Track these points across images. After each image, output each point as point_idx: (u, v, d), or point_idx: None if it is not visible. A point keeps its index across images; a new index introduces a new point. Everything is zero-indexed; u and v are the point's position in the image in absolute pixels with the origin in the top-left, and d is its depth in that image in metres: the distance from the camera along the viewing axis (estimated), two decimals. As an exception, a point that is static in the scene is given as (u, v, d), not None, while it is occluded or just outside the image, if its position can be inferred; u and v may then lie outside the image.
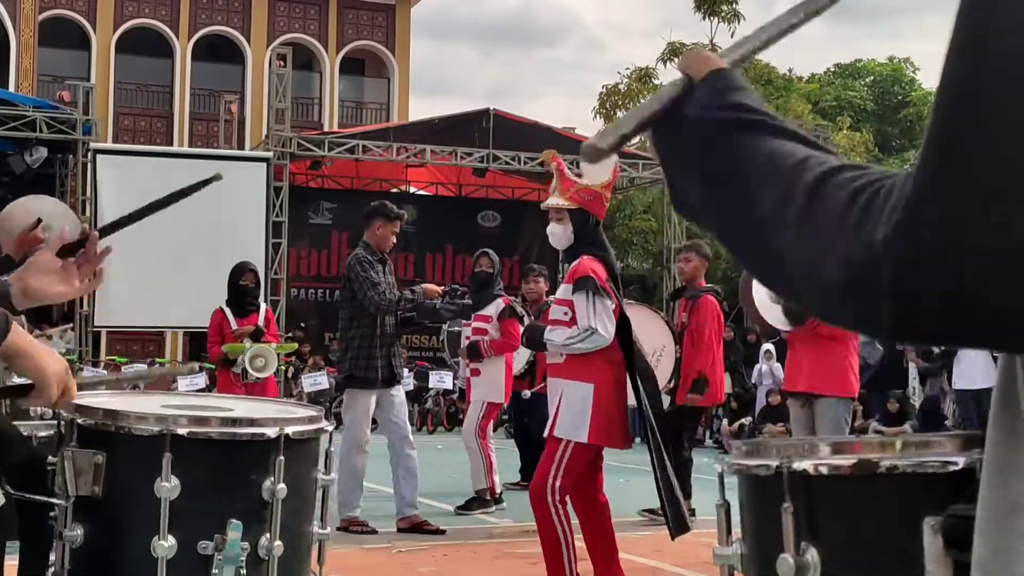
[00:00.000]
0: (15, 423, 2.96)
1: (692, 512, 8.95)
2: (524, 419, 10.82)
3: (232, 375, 9.84)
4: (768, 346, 19.15)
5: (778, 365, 18.82)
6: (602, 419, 5.59)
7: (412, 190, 27.97)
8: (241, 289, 10.13)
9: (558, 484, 5.56)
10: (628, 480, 12.71)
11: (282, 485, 2.77)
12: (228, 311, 10.08)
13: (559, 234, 5.73)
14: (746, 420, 18.35)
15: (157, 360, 23.36)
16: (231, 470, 2.80)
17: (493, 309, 9.50)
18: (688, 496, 9.04)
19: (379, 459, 8.72)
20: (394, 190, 27.24)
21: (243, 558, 2.71)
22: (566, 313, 5.64)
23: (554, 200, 5.73)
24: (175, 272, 20.95)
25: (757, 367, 18.98)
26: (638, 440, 19.88)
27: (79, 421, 2.72)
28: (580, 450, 5.61)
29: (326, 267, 25.72)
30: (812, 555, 1.65)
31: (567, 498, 5.62)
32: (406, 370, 20.72)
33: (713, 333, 8.75)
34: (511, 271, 22.15)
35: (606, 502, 5.90)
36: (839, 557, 1.65)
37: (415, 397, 22.17)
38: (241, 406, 3.25)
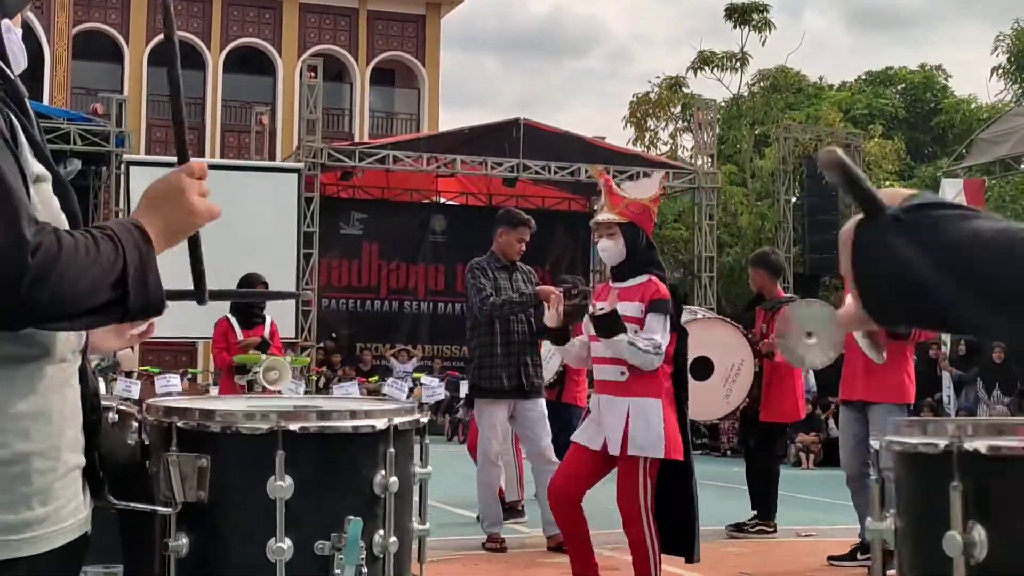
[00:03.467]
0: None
1: (774, 528, 8.95)
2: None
3: (237, 386, 9.82)
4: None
5: (811, 374, 18.76)
6: (671, 432, 5.67)
7: (442, 200, 27.98)
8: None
9: (648, 502, 5.66)
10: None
11: (394, 478, 2.70)
12: (234, 320, 10.07)
13: (611, 249, 5.74)
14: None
15: (190, 371, 23.44)
16: (343, 465, 2.71)
17: None
18: (774, 515, 9.00)
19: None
20: (424, 200, 27.27)
21: (363, 556, 2.63)
22: (636, 331, 5.64)
23: (605, 216, 5.76)
24: (208, 283, 20.99)
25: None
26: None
27: (178, 424, 2.63)
28: (655, 465, 5.68)
29: (356, 277, 25.77)
30: (979, 533, 1.66)
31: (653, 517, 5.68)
32: (436, 379, 20.86)
33: None
34: (542, 281, 22.08)
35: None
36: (1007, 537, 1.66)
37: (448, 407, 22.21)
38: (326, 402, 3.19)
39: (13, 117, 1.83)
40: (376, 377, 21.86)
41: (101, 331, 2.25)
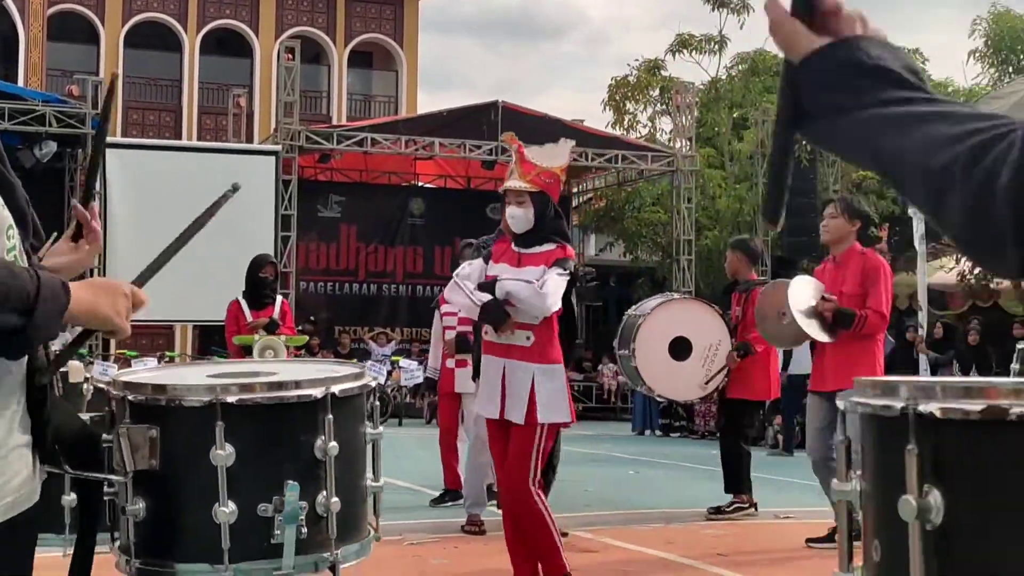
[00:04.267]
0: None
1: (754, 506, 8.99)
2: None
3: None
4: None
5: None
6: (570, 398, 5.65)
7: (420, 183, 27.93)
8: (260, 280, 10.15)
9: (539, 472, 5.53)
10: (638, 472, 12.74)
11: (333, 443, 2.85)
12: (244, 302, 10.10)
13: (519, 217, 5.65)
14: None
15: (167, 353, 23.36)
16: (282, 433, 2.88)
17: None
18: (749, 491, 9.05)
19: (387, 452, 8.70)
20: (403, 183, 27.21)
21: (303, 517, 2.79)
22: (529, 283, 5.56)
23: (514, 182, 5.66)
24: (184, 266, 20.75)
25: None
26: (648, 432, 19.77)
27: (130, 398, 2.82)
28: (552, 432, 5.64)
29: (335, 260, 25.71)
30: (935, 498, 1.65)
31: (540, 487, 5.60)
32: (415, 362, 20.85)
33: None
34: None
35: None
36: (963, 502, 1.65)
37: (428, 389, 22.16)
38: (285, 369, 3.33)
39: None
40: (355, 360, 21.85)
41: (58, 257, 2.34)
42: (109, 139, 22.64)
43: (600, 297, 33.38)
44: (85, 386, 4.43)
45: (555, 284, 5.49)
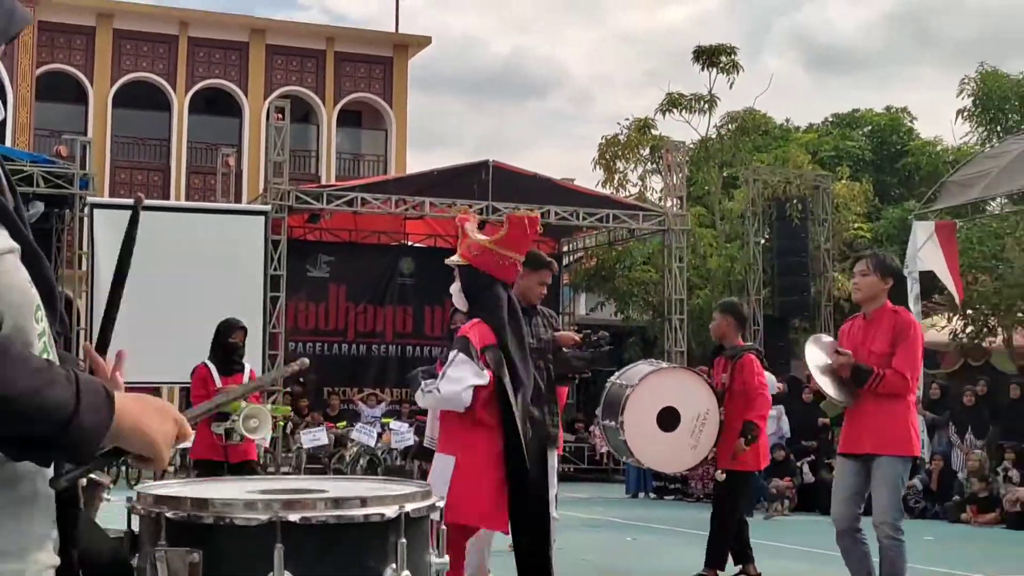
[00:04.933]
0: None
1: None
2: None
3: (213, 435, 9.58)
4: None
5: (785, 418, 18.62)
6: (461, 494, 5.23)
7: (410, 243, 27.80)
8: (230, 346, 9.92)
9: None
10: (635, 539, 12.49)
11: (407, 572, 2.46)
12: (212, 367, 9.85)
13: (454, 293, 5.57)
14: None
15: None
16: (348, 558, 2.45)
17: None
18: (751, 560, 8.83)
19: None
20: (392, 243, 27.08)
21: None
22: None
23: (451, 259, 5.61)
24: (172, 327, 20.71)
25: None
26: (642, 495, 19.48)
27: (167, 515, 2.39)
28: (456, 530, 5.11)
29: (324, 320, 25.50)
30: None
31: None
32: (406, 424, 20.57)
33: (759, 392, 8.54)
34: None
35: None
36: None
37: (417, 453, 21.87)
38: (332, 486, 2.85)
39: None
40: (344, 423, 21.58)
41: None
42: (96, 199, 22.53)
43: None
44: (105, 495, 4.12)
45: (445, 379, 5.30)
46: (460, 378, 5.31)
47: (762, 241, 26.92)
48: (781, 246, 26.58)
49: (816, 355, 7.09)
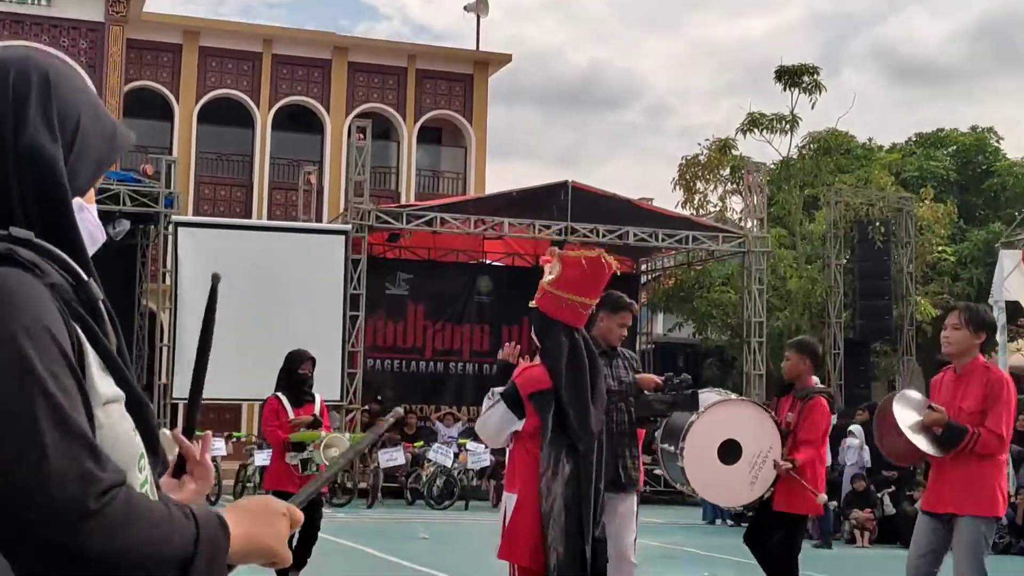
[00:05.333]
0: None
1: None
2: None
3: (288, 465, 9.67)
4: (854, 427, 18.65)
5: (867, 447, 18.33)
6: (514, 532, 5.28)
7: (488, 261, 27.87)
8: (299, 377, 9.99)
9: None
10: (714, 575, 12.35)
11: None
12: (284, 399, 9.93)
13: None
14: (832, 503, 17.82)
15: (234, 433, 23.30)
16: None
17: None
18: None
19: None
20: (471, 261, 27.18)
21: None
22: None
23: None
24: (254, 344, 20.95)
25: (842, 444, 18.29)
26: (719, 522, 19.22)
27: None
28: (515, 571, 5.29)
29: (402, 338, 25.60)
30: None
31: None
32: (482, 445, 20.59)
33: (822, 439, 8.37)
34: (589, 346, 21.80)
35: None
36: None
37: (492, 472, 21.86)
38: None
39: (80, 331, 1.62)
40: (421, 442, 21.67)
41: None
42: (180, 218, 22.87)
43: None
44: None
45: (481, 419, 5.62)
46: (487, 422, 5.54)
47: (843, 263, 26.63)
48: (863, 268, 26.28)
49: (905, 414, 6.94)
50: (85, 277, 1.67)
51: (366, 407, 22.96)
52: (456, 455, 20.85)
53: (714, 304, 28.60)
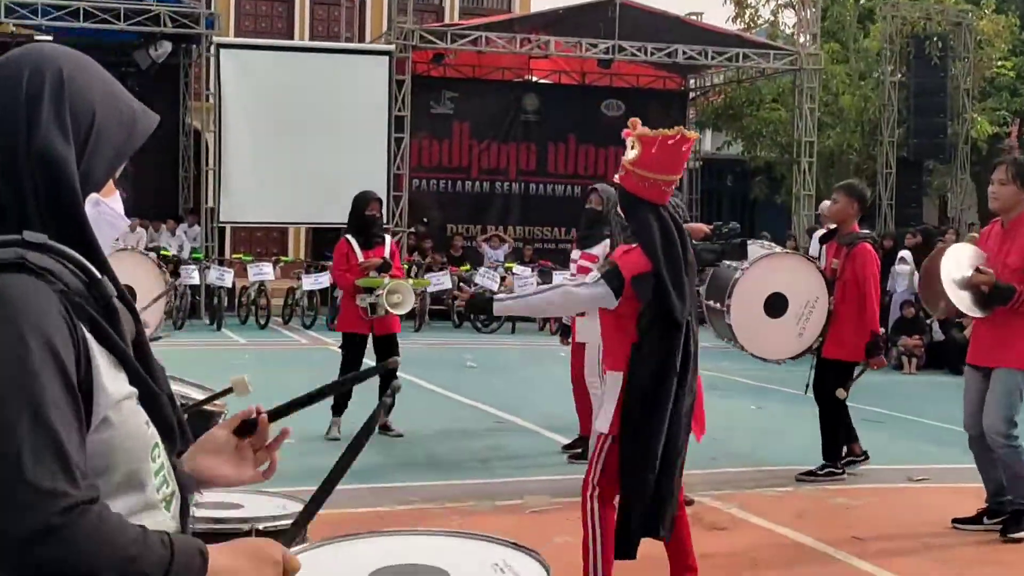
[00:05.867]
0: None
1: (865, 455, 8.71)
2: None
3: (359, 308, 9.71)
4: (904, 252, 18.46)
5: (916, 273, 18.15)
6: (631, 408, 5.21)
7: (535, 78, 27.41)
8: (368, 219, 9.94)
9: (594, 483, 5.28)
10: (761, 408, 12.31)
11: None
12: (354, 241, 9.90)
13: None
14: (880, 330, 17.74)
15: (281, 258, 23.40)
16: None
17: (601, 249, 8.94)
18: (856, 439, 8.74)
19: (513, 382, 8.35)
20: (516, 79, 26.73)
21: None
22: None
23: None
24: (299, 168, 20.88)
25: (892, 270, 18.10)
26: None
27: None
28: (604, 443, 5.28)
29: (447, 157, 25.36)
30: None
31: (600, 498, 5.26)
32: (528, 268, 20.59)
33: (872, 286, 8.28)
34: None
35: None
36: None
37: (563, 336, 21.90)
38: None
39: (89, 332, 1.61)
40: (467, 266, 21.67)
41: (215, 456, 2.00)
42: (222, 39, 22.53)
43: (715, 194, 32.72)
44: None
45: (570, 292, 5.50)
46: (580, 296, 5.42)
47: (898, 79, 25.95)
48: (918, 85, 25.59)
49: (953, 268, 6.82)
50: (99, 276, 1.67)
51: (412, 229, 22.94)
52: (502, 279, 20.87)
53: (764, 122, 28.07)
